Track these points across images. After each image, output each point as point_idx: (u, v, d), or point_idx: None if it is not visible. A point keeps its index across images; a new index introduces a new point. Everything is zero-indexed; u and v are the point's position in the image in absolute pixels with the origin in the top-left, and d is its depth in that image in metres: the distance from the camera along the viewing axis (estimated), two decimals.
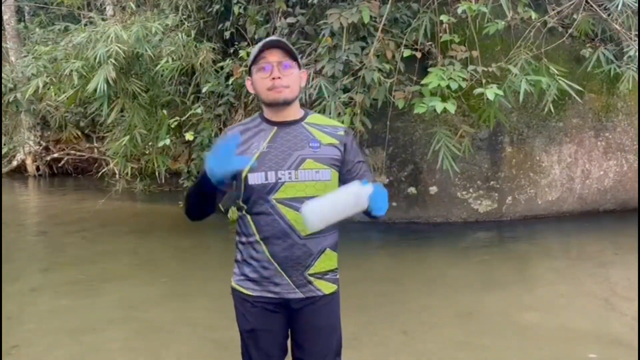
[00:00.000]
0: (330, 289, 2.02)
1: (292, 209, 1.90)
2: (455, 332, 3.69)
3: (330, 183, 1.95)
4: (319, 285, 2.00)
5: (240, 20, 6.66)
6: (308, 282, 1.98)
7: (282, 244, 1.92)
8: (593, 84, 6.65)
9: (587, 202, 6.91)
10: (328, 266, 2.01)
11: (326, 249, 1.99)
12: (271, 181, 1.90)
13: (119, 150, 6.51)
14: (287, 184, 1.91)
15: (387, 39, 5.46)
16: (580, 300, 4.22)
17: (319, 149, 1.94)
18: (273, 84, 1.89)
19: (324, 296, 2.01)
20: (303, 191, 1.91)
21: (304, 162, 1.92)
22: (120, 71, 6.13)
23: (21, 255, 6.11)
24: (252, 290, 2.00)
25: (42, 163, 12.04)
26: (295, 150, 1.93)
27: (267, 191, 1.91)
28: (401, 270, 5.10)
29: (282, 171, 1.90)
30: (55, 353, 3.51)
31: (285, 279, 1.96)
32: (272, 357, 2.06)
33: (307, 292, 1.98)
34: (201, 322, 3.90)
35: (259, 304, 2.00)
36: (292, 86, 1.91)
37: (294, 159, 1.92)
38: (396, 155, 6.55)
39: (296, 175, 1.91)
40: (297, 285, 1.97)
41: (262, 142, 1.94)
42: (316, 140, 1.95)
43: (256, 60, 1.90)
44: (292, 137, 1.95)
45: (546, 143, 6.63)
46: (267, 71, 1.89)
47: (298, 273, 1.96)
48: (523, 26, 5.92)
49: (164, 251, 6.07)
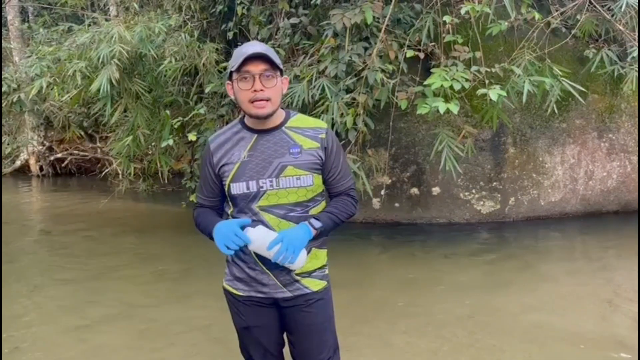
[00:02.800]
0: (318, 286, 2.04)
1: (275, 215, 1.94)
2: (458, 333, 3.68)
3: (312, 188, 1.97)
4: (307, 283, 2.02)
5: (243, 20, 6.66)
6: (295, 280, 2.00)
7: None
8: (596, 85, 6.64)
9: (590, 203, 6.89)
10: (315, 265, 2.04)
11: (312, 248, 2.01)
12: (253, 190, 1.92)
13: (122, 150, 6.52)
14: (269, 192, 1.92)
15: (390, 40, 5.46)
16: (584, 302, 4.20)
17: (299, 154, 1.94)
18: (255, 96, 1.87)
19: (313, 294, 2.03)
20: (285, 198, 1.93)
21: (284, 170, 1.93)
22: (124, 71, 6.13)
23: (24, 255, 6.13)
24: (242, 290, 2.04)
25: (46, 163, 12.07)
26: (275, 157, 1.93)
27: (249, 200, 1.93)
28: (403, 271, 5.10)
29: (264, 180, 1.92)
30: (58, 352, 3.52)
31: (272, 279, 1.99)
32: (270, 351, 2.12)
33: (294, 291, 2.01)
34: (203, 321, 3.91)
35: (249, 302, 2.04)
36: (273, 98, 1.90)
37: (274, 166, 1.93)
38: (399, 155, 6.55)
39: (277, 182, 1.92)
40: (284, 285, 2.00)
41: (242, 151, 1.95)
42: (297, 146, 1.95)
43: (238, 69, 1.87)
44: (272, 144, 1.95)
45: (549, 144, 6.62)
46: (249, 82, 1.87)
47: (284, 273, 1.99)
48: (526, 27, 5.91)
49: (167, 251, 6.08)
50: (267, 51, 1.88)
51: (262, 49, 1.88)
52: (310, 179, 1.95)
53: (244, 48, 1.90)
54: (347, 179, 2.08)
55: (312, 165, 1.96)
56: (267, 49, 1.90)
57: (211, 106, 6.64)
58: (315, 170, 1.96)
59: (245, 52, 1.86)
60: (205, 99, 6.75)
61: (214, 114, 6.52)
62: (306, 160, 1.95)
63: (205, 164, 2.03)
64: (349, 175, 2.10)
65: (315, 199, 2.00)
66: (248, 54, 1.85)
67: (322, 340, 2.06)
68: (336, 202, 2.07)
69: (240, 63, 1.85)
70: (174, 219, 7.49)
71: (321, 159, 1.98)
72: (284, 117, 2.00)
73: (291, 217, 1.94)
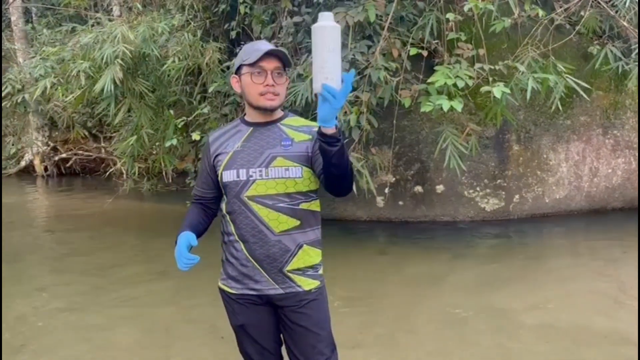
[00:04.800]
0: (310, 285, 2.04)
1: (263, 206, 1.96)
2: (463, 331, 3.68)
3: (300, 180, 1.98)
4: (299, 281, 2.02)
5: (246, 19, 6.66)
6: (287, 278, 2.01)
7: (258, 241, 1.98)
8: (601, 82, 6.62)
9: (595, 200, 6.87)
10: (307, 262, 2.04)
11: (303, 245, 2.02)
12: (242, 179, 1.97)
13: (126, 150, 6.54)
14: (257, 182, 1.96)
15: (393, 38, 5.45)
16: (589, 299, 4.19)
17: (290, 146, 1.98)
18: (266, 90, 1.94)
19: (305, 293, 2.03)
20: (273, 188, 1.96)
21: (274, 160, 1.97)
22: (127, 71, 6.15)
23: (29, 254, 6.15)
24: (235, 288, 2.06)
25: (50, 163, 12.11)
26: (267, 148, 1.98)
27: (239, 188, 1.98)
28: (408, 269, 5.09)
29: (253, 169, 1.97)
30: (63, 351, 3.53)
31: (264, 275, 2.01)
32: (267, 349, 2.12)
33: (286, 288, 2.02)
34: (207, 320, 3.92)
35: (243, 301, 2.05)
36: (281, 95, 1.99)
37: (265, 157, 1.97)
38: (403, 154, 6.54)
39: (266, 172, 1.96)
40: (275, 282, 2.01)
41: (237, 142, 2.02)
42: (288, 139, 1.99)
43: (253, 64, 1.93)
44: (266, 136, 2.00)
45: (554, 141, 6.60)
46: (262, 77, 1.94)
47: (276, 270, 2.00)
48: (530, 24, 5.89)
49: (171, 250, 6.06)
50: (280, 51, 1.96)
51: (273, 47, 1.96)
52: (300, 171, 1.96)
53: (257, 45, 1.98)
54: None
55: (303, 158, 1.98)
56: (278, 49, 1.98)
57: (215, 105, 6.64)
58: (305, 163, 1.98)
59: (260, 48, 1.94)
60: (208, 99, 6.76)
61: (217, 113, 6.53)
62: (296, 152, 1.97)
63: (203, 156, 2.12)
64: None
65: (307, 194, 2.00)
66: (266, 50, 1.92)
67: (318, 340, 2.04)
68: None
69: (259, 58, 1.92)
70: (178, 218, 7.45)
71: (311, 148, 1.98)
72: (282, 115, 2.07)
73: (280, 207, 1.96)
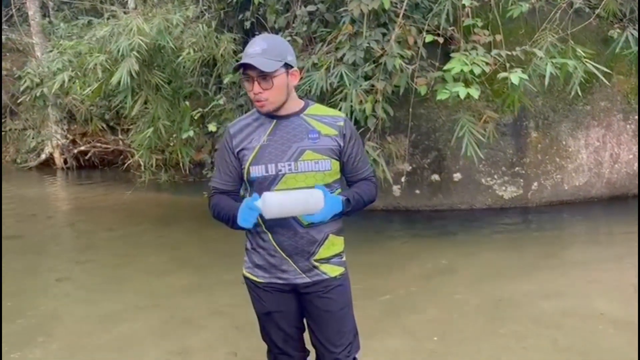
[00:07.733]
0: (336, 272, 2.08)
1: None
2: (481, 319, 3.66)
3: (330, 172, 2.00)
4: (325, 269, 2.06)
5: (260, 9, 6.65)
6: (314, 267, 2.04)
7: (287, 232, 1.99)
8: (621, 66, 6.48)
9: (615, 186, 6.76)
10: (333, 251, 2.07)
11: (329, 235, 2.05)
12: (271, 173, 1.96)
13: (143, 142, 6.58)
14: (287, 176, 1.96)
15: (409, 25, 5.39)
16: (609, 287, 4.14)
17: (318, 139, 1.98)
18: (255, 98, 1.94)
19: (331, 279, 2.06)
20: (304, 182, 1.96)
21: (303, 154, 1.97)
22: (143, 64, 6.16)
23: (50, 246, 6.26)
24: (262, 277, 2.08)
25: (70, 156, 12.23)
26: (294, 142, 1.97)
27: (268, 183, 1.96)
28: (425, 258, 5.08)
29: (282, 163, 1.96)
30: (84, 341, 3.59)
31: (291, 265, 2.03)
32: (290, 335, 2.16)
33: (313, 277, 2.04)
34: (225, 310, 3.96)
35: (269, 289, 2.08)
36: (271, 98, 1.93)
37: (293, 150, 1.96)
38: (419, 142, 6.49)
39: (296, 166, 1.96)
40: (303, 271, 2.04)
41: (262, 135, 1.99)
42: (315, 131, 1.99)
43: (243, 71, 1.93)
44: (291, 129, 1.99)
45: (573, 127, 6.50)
46: (250, 83, 1.93)
47: (304, 259, 2.02)
48: (548, 8, 5.79)
49: (189, 241, 6.14)
50: (263, 54, 1.87)
51: (259, 49, 1.88)
52: (329, 163, 1.99)
53: (249, 47, 1.93)
54: (366, 167, 2.15)
55: (330, 150, 2.00)
56: (263, 50, 1.88)
57: (230, 96, 6.66)
58: (333, 156, 2.00)
59: (246, 52, 1.91)
60: (224, 90, 6.77)
61: (233, 104, 6.54)
62: (324, 145, 1.99)
63: (223, 148, 2.06)
64: (367, 163, 2.18)
65: (331, 185, 2.03)
66: (242, 60, 1.89)
67: (342, 325, 2.10)
68: (358, 186, 2.11)
69: (239, 66, 1.91)
70: (195, 209, 7.54)
71: (340, 145, 2.02)
72: (303, 105, 2.04)
73: None
